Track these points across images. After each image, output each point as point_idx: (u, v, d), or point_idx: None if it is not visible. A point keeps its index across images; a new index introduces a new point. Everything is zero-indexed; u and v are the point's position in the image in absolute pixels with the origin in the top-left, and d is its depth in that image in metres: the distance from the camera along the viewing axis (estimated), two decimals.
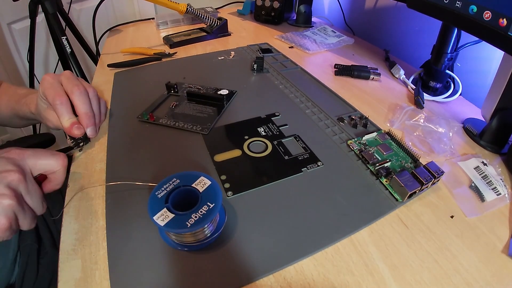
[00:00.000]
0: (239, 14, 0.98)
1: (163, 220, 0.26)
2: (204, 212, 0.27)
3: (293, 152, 0.40)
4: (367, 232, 0.31)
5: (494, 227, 0.32)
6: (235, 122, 0.46)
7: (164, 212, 0.26)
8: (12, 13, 1.09)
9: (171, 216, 0.26)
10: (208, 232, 0.29)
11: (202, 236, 0.28)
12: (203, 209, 0.27)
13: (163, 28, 0.87)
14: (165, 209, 0.27)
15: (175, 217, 0.26)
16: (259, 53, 0.69)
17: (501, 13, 0.35)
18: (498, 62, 0.45)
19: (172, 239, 0.29)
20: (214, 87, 0.54)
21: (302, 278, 0.27)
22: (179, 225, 0.26)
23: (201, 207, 0.27)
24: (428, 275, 0.27)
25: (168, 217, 0.26)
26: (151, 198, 0.28)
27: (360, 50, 0.75)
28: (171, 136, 0.43)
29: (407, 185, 0.33)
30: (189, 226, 0.25)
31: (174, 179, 0.29)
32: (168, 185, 0.29)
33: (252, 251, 0.29)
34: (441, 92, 0.55)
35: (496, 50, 0.39)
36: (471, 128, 0.46)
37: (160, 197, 0.28)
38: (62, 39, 0.95)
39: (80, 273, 0.27)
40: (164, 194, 0.28)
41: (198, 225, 0.26)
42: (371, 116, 0.47)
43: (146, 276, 0.27)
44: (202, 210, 0.27)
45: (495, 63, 0.56)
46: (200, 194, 0.28)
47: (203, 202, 0.27)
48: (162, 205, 0.27)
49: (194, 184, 0.29)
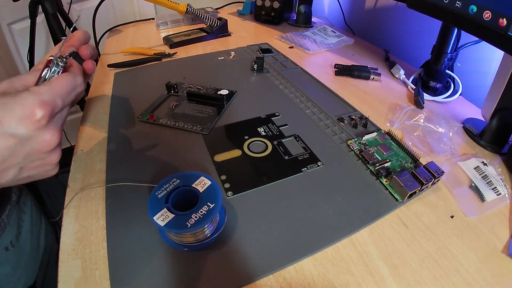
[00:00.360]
0: (239, 14, 0.99)
1: (163, 220, 0.26)
2: (204, 212, 0.27)
3: (293, 152, 0.40)
4: (367, 232, 0.31)
5: (494, 227, 0.32)
6: (235, 122, 0.46)
7: (164, 212, 0.26)
8: (12, 13, 1.09)
9: (171, 216, 0.26)
10: (208, 232, 0.29)
11: (202, 236, 0.28)
12: (203, 209, 0.27)
13: (163, 28, 0.87)
14: (165, 209, 0.27)
15: (175, 217, 0.26)
16: (259, 53, 0.69)
17: (501, 13, 0.35)
18: (498, 62, 0.45)
19: (172, 239, 0.29)
20: (214, 87, 0.54)
21: (302, 278, 0.27)
22: (179, 225, 0.26)
23: (201, 207, 0.27)
24: (428, 275, 0.27)
25: (168, 217, 0.26)
26: (151, 198, 0.28)
27: (360, 50, 0.75)
28: (171, 136, 0.43)
29: (407, 185, 0.33)
30: (189, 226, 0.26)
31: (174, 179, 0.29)
32: (168, 185, 0.29)
33: (252, 251, 0.29)
34: (441, 92, 0.55)
35: (496, 50, 0.39)
36: (471, 128, 0.46)
37: (160, 197, 0.28)
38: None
39: (80, 273, 0.27)
40: (164, 194, 0.28)
41: (198, 225, 0.26)
42: (371, 116, 0.47)
43: (146, 276, 0.27)
44: (202, 210, 0.27)
45: (495, 63, 0.56)
46: (200, 194, 0.28)
47: (203, 202, 0.27)
48: (162, 205, 0.27)
49: (194, 184, 0.29)
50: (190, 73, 0.60)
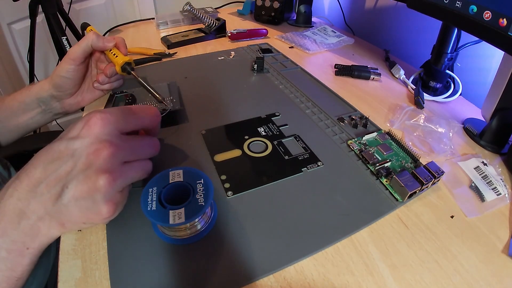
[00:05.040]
0: (239, 14, 0.98)
1: (156, 213, 0.26)
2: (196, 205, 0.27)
3: (293, 152, 0.40)
4: (367, 232, 0.31)
5: (494, 227, 0.32)
6: (235, 122, 0.46)
7: (157, 206, 0.27)
8: (12, 13, 1.09)
9: (163, 210, 0.27)
10: (200, 227, 0.29)
11: (194, 230, 0.29)
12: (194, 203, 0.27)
13: (163, 28, 0.87)
14: (156, 195, 0.27)
15: (165, 211, 0.27)
16: (259, 53, 0.69)
17: (501, 13, 0.35)
18: (498, 62, 0.45)
19: (166, 234, 0.29)
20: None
21: (302, 278, 0.27)
22: (158, 216, 0.26)
23: (192, 202, 0.28)
24: (428, 275, 0.27)
25: (160, 211, 0.27)
26: (144, 193, 0.28)
27: (360, 50, 0.75)
28: (171, 136, 0.43)
29: (407, 185, 0.33)
30: (178, 220, 0.26)
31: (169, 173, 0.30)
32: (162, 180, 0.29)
33: (252, 251, 0.29)
34: (441, 92, 0.55)
35: (496, 50, 0.39)
36: (471, 128, 0.46)
37: (153, 190, 0.28)
38: (62, 39, 0.95)
39: (80, 273, 0.27)
40: (157, 189, 0.28)
41: (188, 219, 0.26)
42: (371, 116, 0.47)
43: (146, 276, 0.27)
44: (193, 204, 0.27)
45: (495, 63, 0.56)
46: (192, 188, 0.29)
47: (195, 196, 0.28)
48: (156, 198, 0.28)
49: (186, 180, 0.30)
50: (190, 73, 0.60)
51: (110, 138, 0.26)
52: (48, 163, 0.25)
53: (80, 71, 0.45)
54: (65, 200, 0.24)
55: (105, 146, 0.25)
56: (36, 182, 0.25)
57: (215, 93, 0.54)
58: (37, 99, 0.45)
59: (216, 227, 0.31)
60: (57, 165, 0.25)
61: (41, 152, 0.26)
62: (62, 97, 0.46)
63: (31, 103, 0.45)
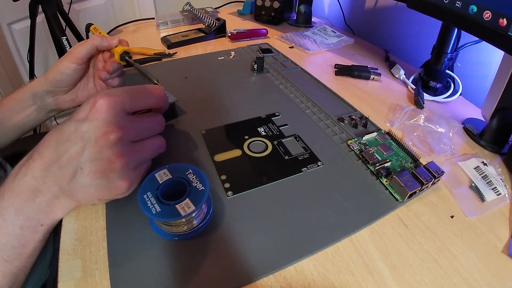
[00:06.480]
0: (239, 14, 0.98)
1: (152, 209, 0.26)
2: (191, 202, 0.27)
3: (293, 152, 0.40)
4: (367, 232, 0.31)
5: (494, 227, 0.32)
6: (235, 122, 0.46)
7: (153, 202, 0.27)
8: (12, 13, 1.09)
9: (158, 206, 0.27)
10: (196, 223, 0.30)
11: (190, 225, 0.29)
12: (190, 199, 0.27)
13: (163, 28, 0.87)
14: (154, 198, 0.27)
15: (161, 207, 0.27)
16: (259, 53, 0.69)
17: (501, 13, 0.35)
18: (498, 62, 0.45)
19: (162, 228, 0.30)
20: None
21: (302, 278, 0.27)
22: (168, 214, 0.26)
23: (192, 190, 0.28)
24: (428, 275, 0.27)
25: (156, 207, 0.27)
26: (141, 202, 0.28)
27: (360, 50, 0.75)
28: (171, 136, 0.43)
29: (407, 185, 0.33)
30: (172, 215, 0.26)
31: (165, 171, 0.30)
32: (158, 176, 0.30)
33: (252, 251, 0.29)
34: (441, 92, 0.55)
35: (496, 50, 0.39)
36: (471, 128, 0.46)
37: (149, 196, 0.28)
38: (62, 39, 0.95)
39: (80, 273, 0.27)
40: (151, 193, 0.28)
41: (197, 205, 0.27)
42: (371, 116, 0.47)
43: (146, 276, 0.27)
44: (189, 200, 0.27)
45: (495, 63, 0.56)
46: (188, 184, 0.29)
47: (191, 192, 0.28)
48: (153, 193, 0.28)
49: (182, 176, 0.30)
50: (190, 73, 0.60)
51: (117, 120, 0.27)
52: (59, 143, 0.26)
53: (80, 70, 0.46)
54: (80, 180, 0.26)
55: (113, 130, 0.26)
56: (49, 162, 0.26)
57: (215, 93, 0.54)
58: (32, 95, 0.45)
59: (216, 227, 0.31)
60: (67, 146, 0.26)
61: (51, 132, 0.27)
62: (57, 93, 0.46)
63: (27, 99, 0.45)
